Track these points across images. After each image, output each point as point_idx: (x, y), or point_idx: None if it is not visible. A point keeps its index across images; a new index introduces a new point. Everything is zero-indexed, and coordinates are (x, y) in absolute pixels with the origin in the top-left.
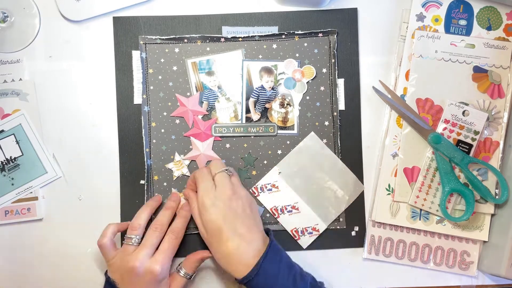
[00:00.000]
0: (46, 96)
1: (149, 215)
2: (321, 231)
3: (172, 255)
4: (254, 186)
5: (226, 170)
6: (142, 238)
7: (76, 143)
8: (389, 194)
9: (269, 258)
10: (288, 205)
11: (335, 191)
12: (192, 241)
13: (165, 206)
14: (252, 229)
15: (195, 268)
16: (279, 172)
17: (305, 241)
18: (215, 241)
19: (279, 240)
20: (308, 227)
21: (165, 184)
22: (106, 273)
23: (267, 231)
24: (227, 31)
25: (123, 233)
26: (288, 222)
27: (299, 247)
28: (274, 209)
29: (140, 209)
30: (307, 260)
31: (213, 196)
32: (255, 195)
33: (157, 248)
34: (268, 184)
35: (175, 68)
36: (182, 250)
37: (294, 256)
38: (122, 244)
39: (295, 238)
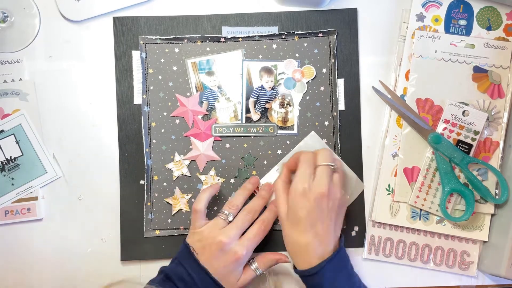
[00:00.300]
0: (46, 96)
1: (245, 198)
2: None
3: (256, 244)
4: None
5: (332, 165)
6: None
7: (76, 143)
8: (389, 194)
9: (332, 264)
10: None
11: None
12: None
13: (259, 194)
14: (329, 232)
15: (268, 267)
16: (277, 170)
17: None
18: (290, 226)
19: (281, 240)
20: None
21: (165, 184)
22: (185, 241)
23: (340, 236)
24: (227, 31)
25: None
26: None
27: None
28: None
29: (238, 191)
30: None
31: (308, 187)
32: (255, 192)
33: (243, 233)
34: (270, 182)
35: (175, 68)
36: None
37: None
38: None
39: None
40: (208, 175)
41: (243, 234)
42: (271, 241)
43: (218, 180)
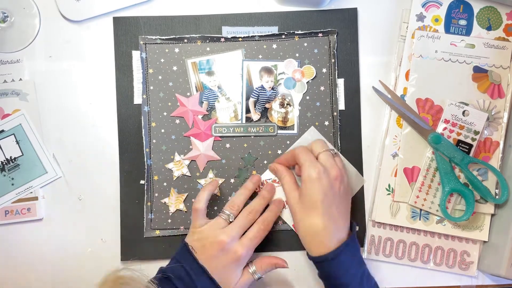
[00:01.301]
0: (46, 96)
1: (246, 198)
2: None
3: (256, 245)
4: None
5: (331, 150)
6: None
7: (76, 143)
8: (389, 194)
9: (349, 249)
10: None
11: None
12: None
13: (261, 194)
14: (343, 216)
15: (266, 271)
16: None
17: None
18: (305, 212)
19: (280, 240)
20: None
21: (165, 184)
22: (184, 240)
23: (350, 224)
24: (227, 31)
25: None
26: (289, 218)
27: (300, 247)
28: None
29: (239, 191)
30: (307, 260)
31: (321, 171)
32: (256, 190)
33: (244, 233)
34: (269, 179)
35: (175, 68)
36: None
37: (295, 255)
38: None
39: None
40: (207, 178)
41: (243, 234)
42: (271, 241)
43: (219, 182)
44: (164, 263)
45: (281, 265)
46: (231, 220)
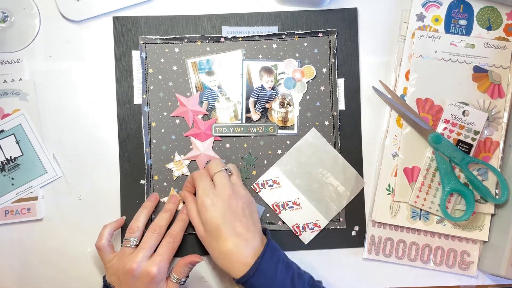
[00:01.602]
0: (46, 96)
1: (147, 217)
2: (322, 227)
3: (170, 258)
4: (256, 182)
5: (226, 169)
6: (140, 241)
7: (76, 143)
8: (389, 194)
9: (267, 257)
10: (289, 201)
11: (336, 186)
12: (189, 241)
13: (164, 208)
14: (250, 228)
15: (187, 273)
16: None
17: (306, 237)
18: (214, 240)
19: (280, 240)
20: (310, 223)
21: (165, 184)
22: (104, 277)
23: (264, 231)
24: (227, 31)
25: (123, 234)
26: (289, 218)
27: (299, 247)
28: (276, 205)
29: (138, 211)
30: (307, 260)
31: (213, 195)
32: (256, 191)
33: (155, 251)
34: (269, 180)
35: (175, 68)
36: (179, 251)
37: (294, 255)
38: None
39: (297, 234)
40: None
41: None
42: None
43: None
44: None
45: (194, 261)
46: (135, 244)
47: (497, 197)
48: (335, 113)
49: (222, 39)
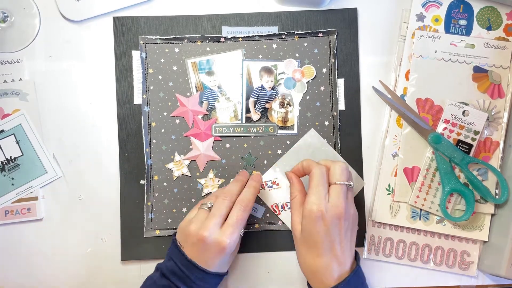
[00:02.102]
0: (46, 96)
1: (239, 190)
2: None
3: (241, 227)
4: None
5: (349, 185)
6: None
7: (76, 143)
8: (389, 194)
9: (350, 284)
10: (289, 202)
11: None
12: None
13: (236, 178)
14: (347, 251)
15: (249, 212)
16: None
17: None
18: (307, 248)
19: (280, 240)
20: None
21: (165, 184)
22: (174, 234)
23: (355, 254)
24: (227, 31)
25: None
26: (289, 219)
27: None
28: (275, 206)
29: (231, 182)
30: None
31: (324, 209)
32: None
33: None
34: (269, 181)
35: (175, 68)
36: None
37: (294, 255)
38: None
39: None
40: (207, 178)
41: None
42: (269, 242)
43: (218, 181)
44: None
45: (258, 187)
46: (211, 207)
47: (497, 197)
48: (335, 113)
49: (222, 39)
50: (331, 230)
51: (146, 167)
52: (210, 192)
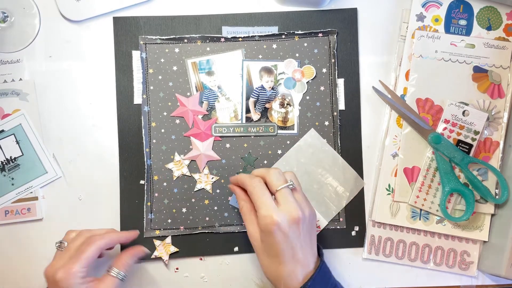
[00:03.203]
0: (46, 96)
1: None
2: (322, 227)
3: (89, 261)
4: None
5: (290, 185)
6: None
7: (76, 143)
8: (389, 194)
9: (316, 282)
10: None
11: (336, 187)
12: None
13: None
14: (308, 252)
15: (130, 266)
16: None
17: None
18: (269, 258)
19: None
20: None
21: (165, 184)
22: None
23: (318, 248)
24: (227, 31)
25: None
26: None
27: None
28: None
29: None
30: None
31: (279, 219)
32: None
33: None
34: None
35: (175, 68)
36: (188, 247)
37: None
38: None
39: None
40: (202, 174)
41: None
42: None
43: (212, 178)
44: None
45: (142, 251)
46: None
47: (497, 197)
48: (335, 113)
49: (222, 39)
50: (290, 237)
51: (146, 167)
52: (203, 188)
